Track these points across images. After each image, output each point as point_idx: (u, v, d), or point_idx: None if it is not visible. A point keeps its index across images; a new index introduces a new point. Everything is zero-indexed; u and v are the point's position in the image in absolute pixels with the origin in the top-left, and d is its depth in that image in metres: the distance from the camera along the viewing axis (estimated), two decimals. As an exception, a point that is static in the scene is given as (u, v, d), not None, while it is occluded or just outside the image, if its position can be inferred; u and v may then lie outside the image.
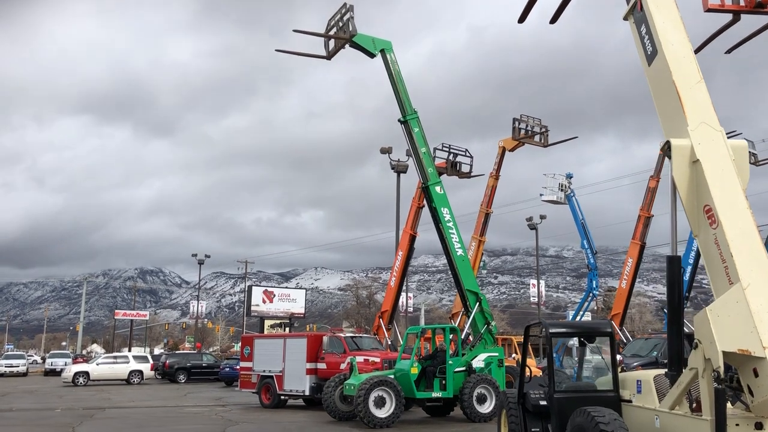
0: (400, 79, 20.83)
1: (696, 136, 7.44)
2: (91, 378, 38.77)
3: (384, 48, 20.86)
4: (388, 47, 20.96)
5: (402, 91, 20.87)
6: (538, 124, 28.43)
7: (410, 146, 21.21)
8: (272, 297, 63.32)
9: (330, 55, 20.65)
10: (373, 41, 20.70)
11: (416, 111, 21.11)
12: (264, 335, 31.48)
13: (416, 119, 21.05)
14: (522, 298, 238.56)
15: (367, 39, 20.60)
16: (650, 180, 31.20)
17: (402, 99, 20.85)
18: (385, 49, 20.89)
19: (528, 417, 9.34)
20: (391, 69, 20.81)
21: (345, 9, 20.23)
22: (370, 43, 20.62)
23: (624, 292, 31.77)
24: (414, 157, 21.27)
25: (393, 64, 20.90)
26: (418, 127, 21.00)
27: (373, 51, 20.69)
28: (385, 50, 20.87)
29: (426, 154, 20.93)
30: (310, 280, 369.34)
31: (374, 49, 20.69)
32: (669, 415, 7.36)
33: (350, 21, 20.03)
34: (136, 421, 19.13)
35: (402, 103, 20.87)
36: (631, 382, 8.48)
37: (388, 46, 20.97)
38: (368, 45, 20.56)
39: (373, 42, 20.70)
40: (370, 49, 20.60)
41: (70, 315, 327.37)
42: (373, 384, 17.03)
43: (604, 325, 9.17)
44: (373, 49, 20.66)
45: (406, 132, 21.07)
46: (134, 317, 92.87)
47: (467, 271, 21.02)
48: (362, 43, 20.43)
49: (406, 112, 20.87)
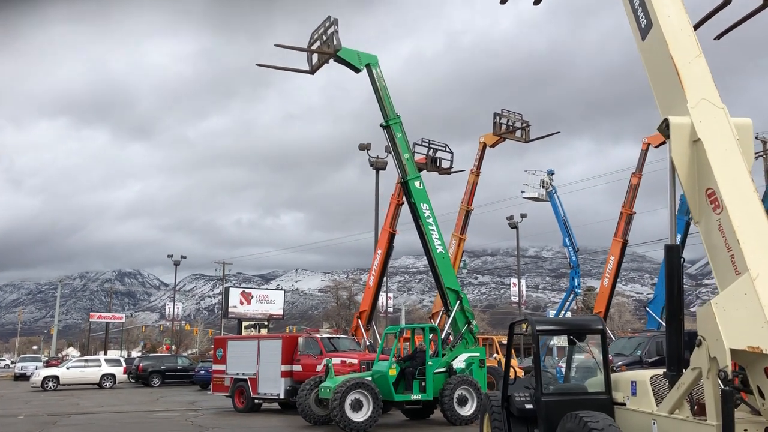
0: (386, 95, 20.22)
1: (696, 114, 6.79)
2: (61, 382, 37.59)
3: (369, 62, 20.19)
4: (374, 62, 20.29)
5: (386, 101, 20.28)
6: (519, 119, 27.85)
7: (393, 151, 20.57)
8: (250, 298, 62.21)
9: (313, 69, 19.99)
10: (358, 56, 20.03)
11: (399, 115, 20.49)
12: (237, 336, 30.56)
13: (399, 124, 20.39)
14: (502, 298, 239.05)
15: (353, 54, 19.92)
16: (632, 177, 30.73)
17: (385, 105, 20.26)
18: (371, 64, 20.21)
19: (513, 422, 8.65)
20: (377, 84, 20.18)
21: (329, 22, 19.52)
22: (356, 58, 19.95)
23: (606, 291, 31.27)
24: (394, 155, 20.59)
25: (379, 79, 20.26)
26: (400, 132, 20.37)
27: (358, 66, 20.03)
28: (370, 65, 20.20)
29: (409, 160, 20.34)
30: (291, 282, 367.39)
31: (359, 64, 20.03)
32: (668, 420, 6.70)
33: (334, 35, 19.30)
34: (100, 428, 18.23)
35: (384, 108, 20.26)
36: (625, 383, 7.80)
37: (373, 60, 20.30)
38: (353, 60, 19.90)
39: (358, 56, 20.02)
40: (355, 63, 19.94)
41: (47, 318, 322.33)
42: (349, 386, 16.31)
43: (594, 322, 8.44)
44: (358, 64, 20.00)
45: (389, 137, 20.46)
46: (110, 320, 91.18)
47: (447, 269, 20.36)
48: (347, 57, 19.75)
49: (389, 116, 20.24)
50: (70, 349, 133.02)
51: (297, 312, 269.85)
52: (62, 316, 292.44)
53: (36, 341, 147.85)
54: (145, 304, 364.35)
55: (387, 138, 20.62)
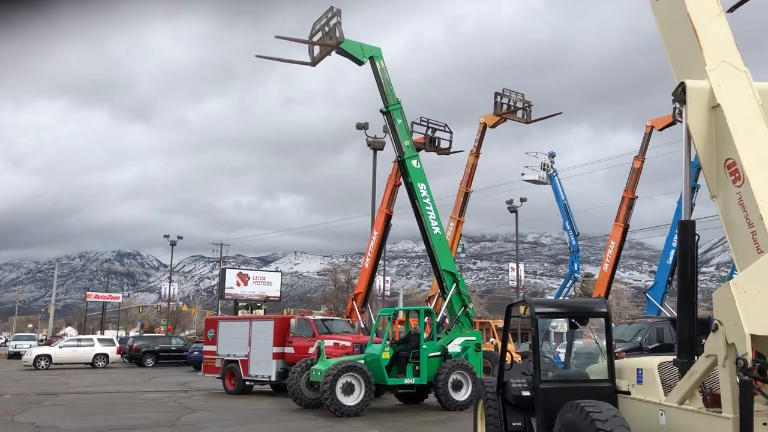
0: (389, 88, 19.61)
1: (716, 78, 6.17)
2: (54, 361, 37.19)
3: (373, 55, 19.55)
4: (378, 54, 19.64)
5: (389, 93, 19.71)
6: (521, 99, 27.11)
7: (392, 137, 19.97)
8: (247, 280, 61.75)
9: (315, 61, 19.33)
10: (361, 48, 19.36)
11: (399, 101, 19.86)
12: (228, 317, 30.06)
13: (399, 110, 19.79)
14: (500, 283, 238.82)
15: (356, 46, 19.25)
16: (635, 160, 30.12)
17: (386, 93, 19.66)
18: (375, 57, 19.57)
19: (508, 409, 8.10)
20: (381, 78, 19.57)
21: (332, 13, 18.80)
22: (359, 51, 19.30)
23: (606, 276, 30.75)
24: (393, 138, 19.97)
25: (383, 72, 19.63)
26: (401, 118, 19.78)
27: (361, 59, 19.39)
28: (374, 57, 19.56)
29: (409, 147, 19.73)
30: (290, 265, 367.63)
31: (363, 56, 19.38)
32: (678, 411, 6.14)
33: (337, 26, 18.61)
34: (85, 408, 17.73)
35: (385, 95, 19.67)
36: (630, 370, 7.23)
37: (377, 53, 19.64)
38: (356, 52, 19.25)
39: (361, 49, 19.37)
40: (358, 56, 19.29)
41: (46, 297, 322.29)
42: (341, 369, 15.82)
43: (598, 304, 7.79)
44: (361, 57, 19.36)
45: (389, 123, 19.85)
46: (107, 299, 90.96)
47: (444, 251, 19.81)
48: (350, 50, 19.10)
49: (389, 102, 19.61)
50: (68, 328, 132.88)
51: (296, 294, 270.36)
52: (61, 296, 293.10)
53: (34, 320, 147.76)
54: (145, 285, 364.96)
55: (387, 124, 20.06)
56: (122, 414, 16.45)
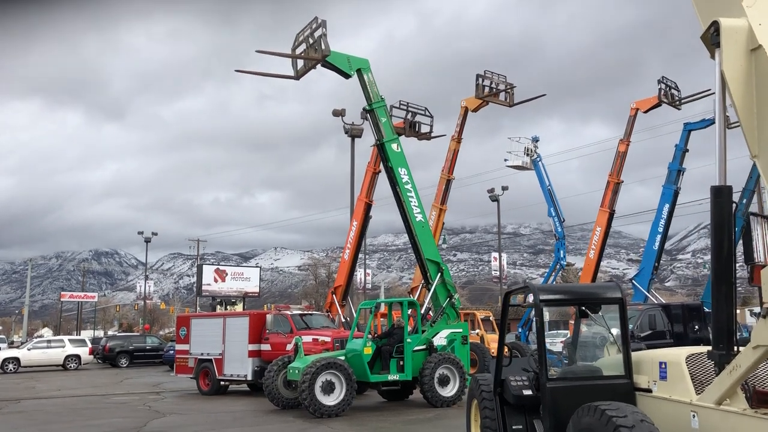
0: (377, 101, 18.51)
1: (755, 14, 5.17)
2: (23, 364, 35.76)
3: (361, 67, 18.41)
4: (366, 66, 18.50)
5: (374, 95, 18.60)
6: (503, 82, 26.08)
7: (377, 137, 18.87)
8: (224, 276, 60.45)
9: (299, 75, 18.04)
10: (348, 60, 18.18)
11: (383, 98, 18.80)
12: (201, 314, 28.85)
13: (383, 108, 18.72)
14: (481, 274, 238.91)
15: (342, 58, 18.06)
16: (620, 144, 29.32)
17: (370, 93, 18.56)
18: (362, 69, 18.43)
19: (507, 411, 7.09)
20: (369, 91, 18.44)
21: (316, 24, 17.54)
22: (345, 63, 18.12)
23: (592, 263, 29.93)
24: (371, 119, 18.87)
25: (371, 86, 18.48)
26: (385, 116, 18.69)
27: (348, 72, 18.23)
28: (362, 70, 18.42)
29: (389, 131, 18.64)
30: (270, 261, 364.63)
31: (350, 69, 18.22)
32: (716, 413, 5.16)
33: (322, 38, 17.33)
34: (46, 415, 16.51)
35: (370, 97, 18.58)
36: (650, 364, 6.21)
37: (365, 65, 18.51)
38: (343, 65, 18.08)
39: (348, 61, 18.19)
40: (345, 69, 18.13)
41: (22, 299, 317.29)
42: (320, 367, 14.78)
43: (610, 289, 6.74)
44: (348, 70, 18.20)
45: (372, 122, 18.73)
46: (82, 299, 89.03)
47: (427, 239, 18.80)
48: (337, 63, 17.92)
49: (373, 99, 18.52)
50: (44, 329, 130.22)
51: (276, 290, 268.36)
52: (38, 297, 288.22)
53: (8, 322, 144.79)
54: (123, 284, 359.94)
55: (371, 124, 18.91)
56: (84, 421, 15.26)
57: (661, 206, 29.39)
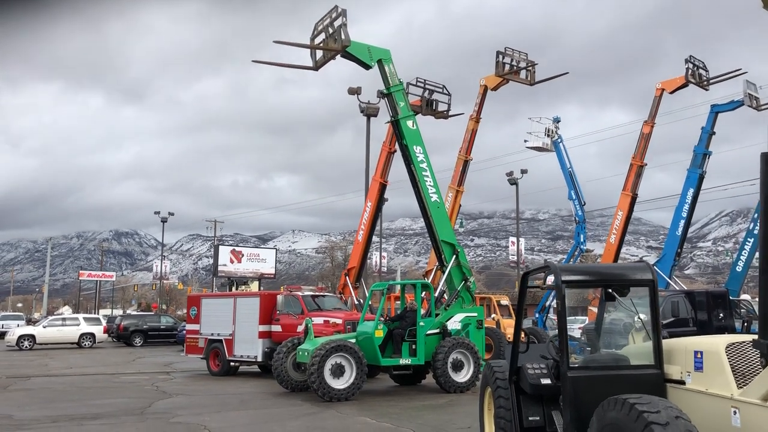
0: (395, 84, 17.88)
1: None
2: (38, 341, 35.80)
3: (382, 58, 17.76)
4: (387, 57, 17.86)
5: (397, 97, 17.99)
6: (524, 59, 25.23)
7: (387, 101, 18.24)
8: (240, 257, 60.26)
9: (317, 65, 17.42)
10: (369, 51, 17.52)
11: (402, 81, 18.17)
12: (212, 294, 28.52)
13: (401, 92, 18.09)
14: (498, 260, 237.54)
15: (363, 48, 17.42)
16: (644, 125, 28.44)
17: (389, 82, 17.92)
18: (383, 60, 17.79)
19: (523, 401, 6.52)
20: (390, 82, 17.81)
21: (336, 13, 16.85)
22: (366, 54, 17.47)
23: (613, 248, 29.15)
24: (388, 102, 18.25)
25: (392, 77, 17.84)
26: (403, 101, 18.08)
27: (369, 62, 17.57)
28: (383, 61, 17.78)
29: (404, 108, 18.03)
30: (288, 243, 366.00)
31: (370, 60, 17.56)
32: (761, 410, 4.57)
33: (343, 28, 16.65)
34: (52, 394, 16.23)
35: (388, 82, 17.93)
36: (684, 353, 5.60)
37: (386, 55, 17.86)
38: (364, 56, 17.43)
39: (369, 52, 17.52)
40: (365, 60, 17.48)
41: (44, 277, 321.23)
42: (329, 349, 14.32)
43: (641, 270, 6.04)
44: (369, 61, 17.53)
45: (390, 106, 18.10)
46: (100, 278, 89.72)
47: (443, 220, 18.22)
48: (357, 53, 17.29)
49: (390, 83, 17.87)
50: (64, 307, 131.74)
51: (294, 272, 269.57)
52: (60, 275, 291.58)
53: (30, 300, 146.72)
54: (143, 264, 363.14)
55: (388, 107, 18.29)
56: (90, 400, 14.94)
57: (685, 190, 28.52)
